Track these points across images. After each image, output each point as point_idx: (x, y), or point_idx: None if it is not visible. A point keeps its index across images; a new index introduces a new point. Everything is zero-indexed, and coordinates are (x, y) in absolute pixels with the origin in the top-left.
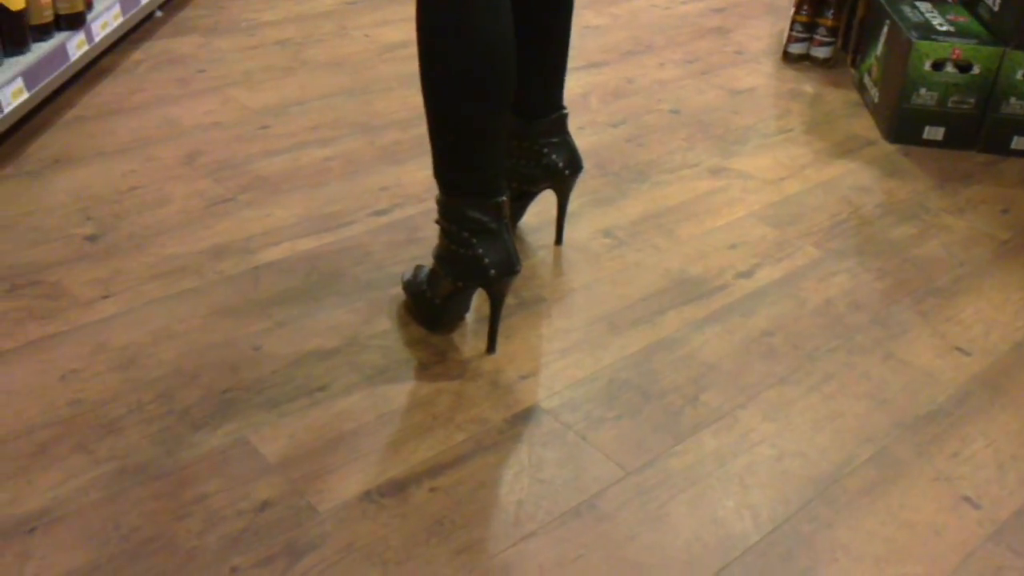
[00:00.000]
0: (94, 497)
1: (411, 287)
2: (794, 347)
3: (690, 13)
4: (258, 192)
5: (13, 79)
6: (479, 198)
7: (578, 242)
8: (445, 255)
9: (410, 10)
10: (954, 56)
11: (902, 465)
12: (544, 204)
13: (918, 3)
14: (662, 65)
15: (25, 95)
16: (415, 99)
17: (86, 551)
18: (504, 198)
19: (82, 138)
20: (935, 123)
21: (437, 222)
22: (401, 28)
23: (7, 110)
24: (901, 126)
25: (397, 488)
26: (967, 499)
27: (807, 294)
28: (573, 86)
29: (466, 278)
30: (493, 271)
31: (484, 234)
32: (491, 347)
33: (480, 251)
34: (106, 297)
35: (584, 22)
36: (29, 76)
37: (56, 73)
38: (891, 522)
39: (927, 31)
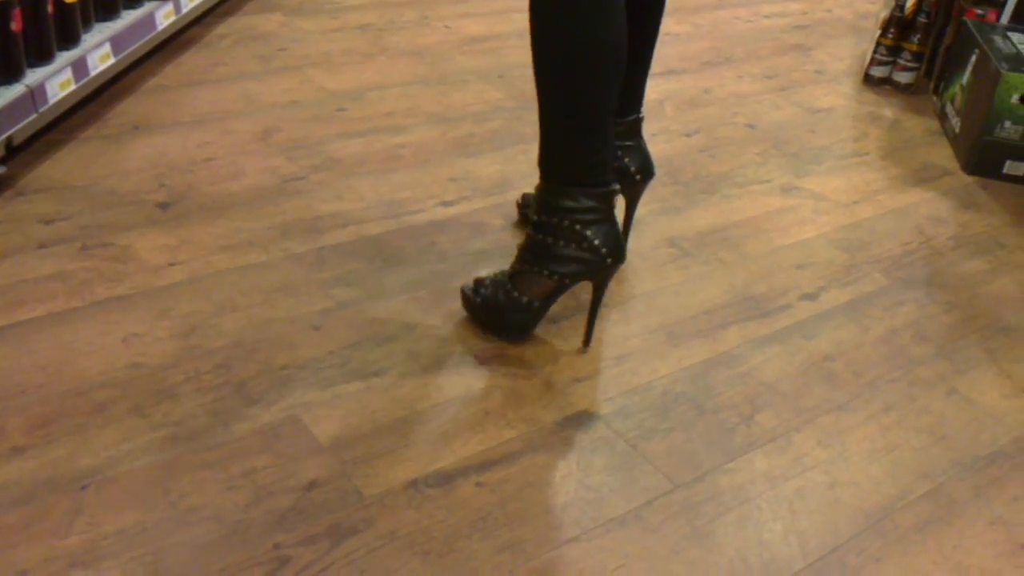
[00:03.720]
0: (146, 461)
1: (491, 300)
2: (855, 374)
3: (772, 28)
4: (330, 173)
5: (101, 44)
6: (593, 187)
7: (643, 249)
8: (549, 254)
9: (492, 4)
10: None
11: (958, 505)
12: None
13: (1011, 34)
14: (740, 78)
15: (111, 60)
16: (490, 93)
17: (135, 513)
18: (616, 187)
19: (162, 106)
20: (1017, 158)
21: (536, 223)
22: (482, 21)
23: (93, 73)
24: (981, 159)
25: (444, 480)
26: None
27: (872, 322)
28: (649, 92)
29: (575, 273)
30: (610, 259)
31: (597, 223)
32: (587, 340)
33: (596, 241)
34: (173, 264)
35: (665, 29)
36: (116, 42)
37: (142, 41)
38: (943, 563)
39: (1018, 63)
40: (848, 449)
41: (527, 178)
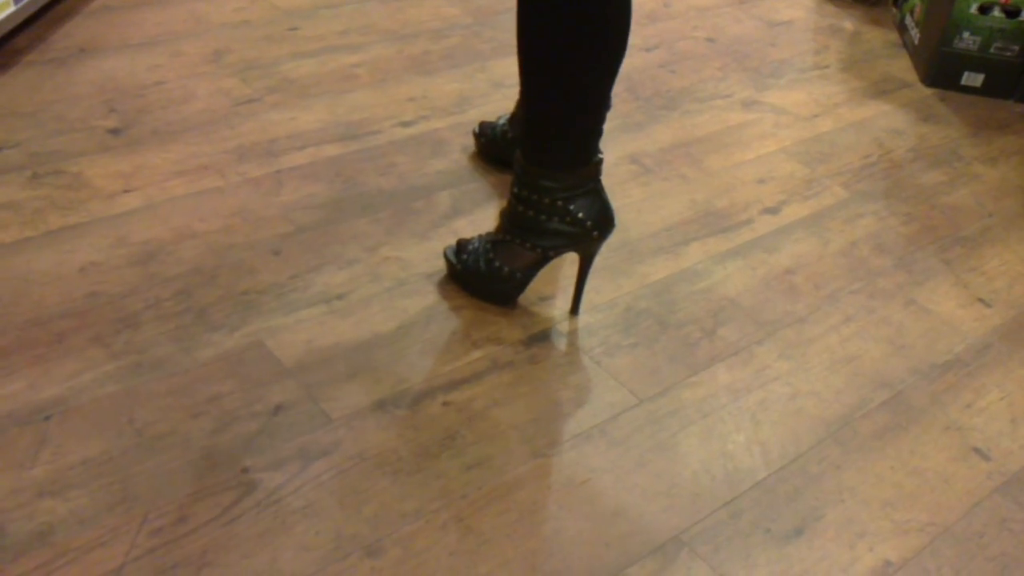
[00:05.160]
0: (110, 390)
1: (472, 268)
2: (815, 287)
3: None
4: (284, 94)
5: None
6: (580, 165)
7: (605, 167)
8: (531, 226)
9: None
10: (1003, 0)
11: (915, 412)
12: None
13: None
14: None
15: None
16: (447, 9)
17: (100, 442)
18: (601, 156)
19: (108, 28)
20: (975, 69)
21: (517, 195)
22: None
23: None
24: (940, 70)
25: (411, 400)
26: (977, 450)
27: (832, 234)
28: None
29: (559, 246)
30: (596, 232)
31: (581, 197)
32: (575, 308)
33: (580, 214)
34: (128, 191)
35: None
36: None
37: None
38: (900, 468)
39: None
40: (809, 360)
41: (486, 96)
